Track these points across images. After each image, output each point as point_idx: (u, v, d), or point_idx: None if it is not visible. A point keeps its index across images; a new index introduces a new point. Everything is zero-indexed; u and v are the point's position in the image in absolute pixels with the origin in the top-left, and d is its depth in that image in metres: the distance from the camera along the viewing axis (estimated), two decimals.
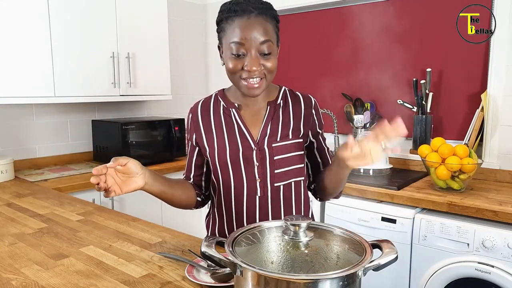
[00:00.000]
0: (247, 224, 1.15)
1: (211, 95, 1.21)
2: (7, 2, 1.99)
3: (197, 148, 1.20)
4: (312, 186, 1.26)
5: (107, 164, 0.95)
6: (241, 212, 1.15)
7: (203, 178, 1.23)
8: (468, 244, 1.64)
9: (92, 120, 2.65)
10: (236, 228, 1.17)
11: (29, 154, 2.44)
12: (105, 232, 1.31)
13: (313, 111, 1.20)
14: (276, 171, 1.12)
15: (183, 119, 2.73)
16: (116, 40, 2.44)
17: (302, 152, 1.17)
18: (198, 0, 3.28)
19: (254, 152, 1.11)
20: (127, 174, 0.98)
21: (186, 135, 1.24)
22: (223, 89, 1.22)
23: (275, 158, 1.12)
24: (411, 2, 2.38)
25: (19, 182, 2.09)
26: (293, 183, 1.16)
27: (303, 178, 1.19)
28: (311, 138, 1.21)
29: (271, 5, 1.08)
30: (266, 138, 1.12)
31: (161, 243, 1.21)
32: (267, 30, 1.02)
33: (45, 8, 2.12)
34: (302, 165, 1.17)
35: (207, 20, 3.34)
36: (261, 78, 1.04)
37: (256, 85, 1.04)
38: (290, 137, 1.14)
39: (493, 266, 1.58)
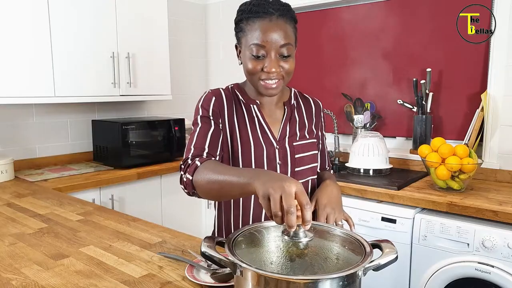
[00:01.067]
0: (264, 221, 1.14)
1: (228, 87, 1.19)
2: (8, 2, 1.99)
3: (217, 125, 1.11)
4: None
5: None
6: (258, 209, 1.14)
7: (217, 154, 1.09)
8: (468, 244, 1.64)
9: (92, 120, 2.65)
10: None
11: (29, 154, 2.44)
12: (105, 232, 1.31)
13: (322, 114, 1.29)
14: (296, 169, 1.16)
15: (183, 119, 2.72)
16: (116, 40, 2.44)
17: (317, 152, 1.24)
18: (198, 0, 3.28)
19: (277, 150, 1.14)
20: None
21: (199, 111, 1.12)
22: (237, 84, 1.20)
23: (296, 156, 1.16)
24: (411, 2, 2.38)
25: (19, 182, 2.09)
26: (310, 180, 1.20)
27: (316, 176, 1.25)
28: (319, 140, 1.28)
29: (290, 6, 1.09)
30: (287, 137, 1.16)
31: (161, 243, 1.21)
32: (287, 33, 1.03)
33: (45, 8, 2.12)
34: (317, 164, 1.23)
35: (207, 20, 3.34)
36: (279, 80, 1.06)
37: (274, 85, 1.06)
38: (307, 137, 1.20)
39: (493, 266, 1.58)
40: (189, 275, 0.95)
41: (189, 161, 1.03)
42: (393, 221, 1.84)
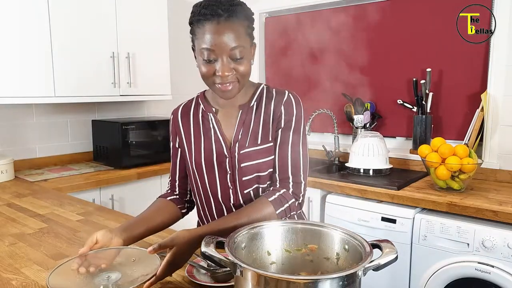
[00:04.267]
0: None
1: (193, 98, 1.23)
2: (8, 2, 1.99)
3: (179, 150, 1.22)
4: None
5: (81, 251, 0.91)
6: (219, 206, 1.16)
7: (187, 182, 1.23)
8: (468, 244, 1.64)
9: (92, 120, 2.65)
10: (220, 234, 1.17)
11: (29, 154, 2.44)
12: None
13: (282, 107, 1.10)
14: (243, 179, 1.10)
15: None
16: (116, 40, 2.44)
17: (271, 158, 1.10)
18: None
19: (227, 159, 1.11)
20: (105, 246, 0.96)
21: (169, 138, 1.26)
22: (204, 91, 1.21)
23: (242, 165, 1.09)
24: (411, 2, 2.38)
25: (19, 182, 2.09)
26: (260, 189, 1.12)
27: (270, 182, 1.12)
28: (276, 135, 1.11)
29: (244, 4, 1.03)
30: (237, 144, 1.10)
31: None
32: (238, 35, 0.99)
33: (45, 8, 2.12)
34: (270, 169, 1.11)
35: None
36: (234, 82, 1.02)
37: (230, 87, 1.02)
38: (259, 142, 1.10)
39: (493, 266, 1.58)
40: (189, 275, 0.95)
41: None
42: (393, 221, 1.84)
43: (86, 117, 2.67)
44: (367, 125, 2.51)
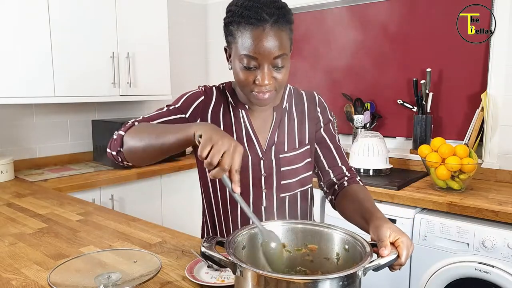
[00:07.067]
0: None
1: (219, 86, 1.13)
2: (7, 2, 1.99)
3: (183, 119, 1.06)
4: (324, 187, 1.18)
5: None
6: (246, 221, 1.10)
7: None
8: (468, 244, 1.64)
9: (92, 120, 2.65)
10: None
11: (29, 154, 2.44)
12: (105, 232, 1.31)
13: (318, 108, 1.17)
14: (282, 182, 1.09)
15: None
16: (116, 40, 2.44)
17: (310, 159, 1.13)
18: (198, 0, 3.28)
19: (262, 162, 1.08)
20: None
21: (179, 102, 1.08)
22: (230, 82, 1.13)
23: (282, 169, 1.09)
24: (411, 2, 2.38)
25: (19, 182, 2.09)
26: (299, 193, 1.13)
27: (310, 185, 1.16)
28: (317, 137, 1.15)
29: (287, 7, 0.98)
30: (273, 147, 1.09)
31: (161, 243, 1.21)
32: (282, 42, 0.93)
33: (45, 8, 2.12)
34: (310, 172, 1.14)
35: (207, 20, 3.34)
36: (272, 91, 0.98)
37: (266, 97, 0.98)
38: (297, 146, 1.11)
39: (493, 266, 1.58)
40: (189, 275, 0.96)
41: (128, 123, 1.01)
42: (393, 221, 1.84)
43: (86, 117, 2.67)
44: (367, 125, 2.51)
